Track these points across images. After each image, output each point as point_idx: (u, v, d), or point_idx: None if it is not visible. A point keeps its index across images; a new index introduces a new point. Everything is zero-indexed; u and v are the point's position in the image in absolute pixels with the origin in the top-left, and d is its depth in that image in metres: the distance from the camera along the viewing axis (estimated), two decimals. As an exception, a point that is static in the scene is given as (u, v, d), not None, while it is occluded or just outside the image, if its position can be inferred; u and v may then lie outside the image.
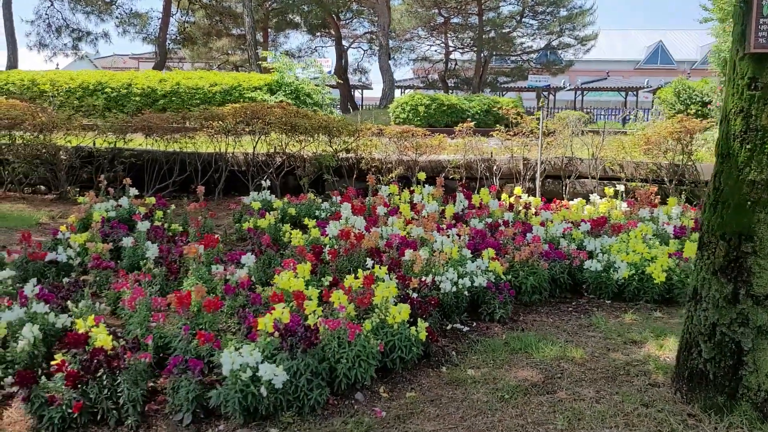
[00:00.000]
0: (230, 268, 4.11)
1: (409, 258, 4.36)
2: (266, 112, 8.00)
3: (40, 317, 3.41)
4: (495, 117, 19.04)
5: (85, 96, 15.43)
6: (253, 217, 6.09)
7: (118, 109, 12.09)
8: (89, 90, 15.69)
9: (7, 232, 5.99)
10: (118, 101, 14.97)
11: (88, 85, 15.75)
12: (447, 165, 8.34)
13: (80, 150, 8.06)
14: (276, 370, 2.77)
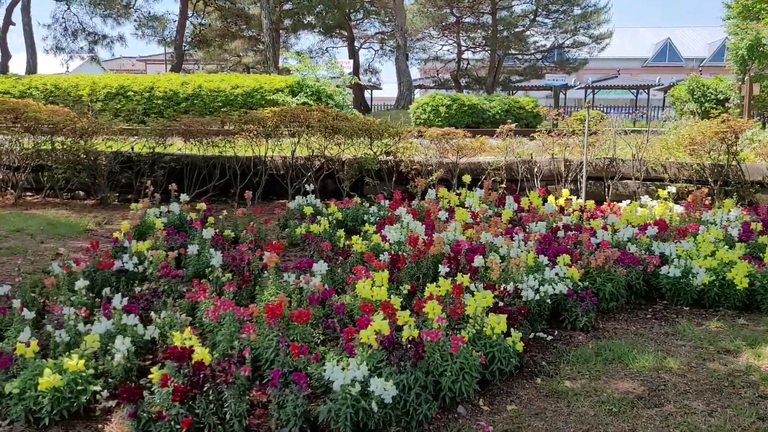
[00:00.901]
0: (306, 277, 4.05)
1: (478, 264, 4.31)
2: (306, 116, 7.95)
3: (130, 329, 3.37)
4: (515, 117, 18.97)
5: (108, 100, 15.47)
6: (305, 223, 6.04)
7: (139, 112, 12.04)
8: (112, 93, 15.73)
9: (60, 239, 5.97)
10: (140, 104, 14.98)
11: (110, 89, 15.79)
12: (487, 167, 8.26)
13: (119, 155, 8.04)
14: (386, 385, 2.71)
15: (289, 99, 15.56)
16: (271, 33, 20.49)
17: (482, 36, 33.39)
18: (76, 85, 15.77)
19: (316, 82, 16.37)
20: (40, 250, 5.49)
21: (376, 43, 36.95)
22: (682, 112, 21.44)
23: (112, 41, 23.54)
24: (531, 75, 32.55)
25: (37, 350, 2.99)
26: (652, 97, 37.54)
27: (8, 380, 2.96)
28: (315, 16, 24.94)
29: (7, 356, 3.02)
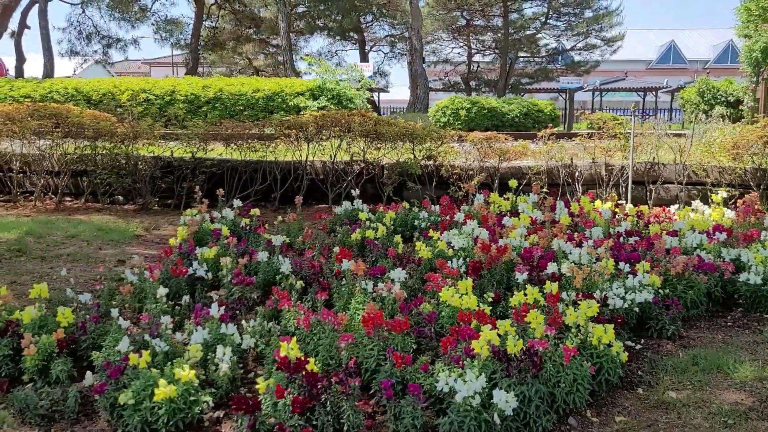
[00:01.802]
0: (387, 284, 4.03)
1: (552, 271, 4.29)
2: (348, 120, 7.93)
3: (229, 339, 3.35)
4: (534, 120, 18.95)
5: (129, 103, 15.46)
6: (359, 228, 6.01)
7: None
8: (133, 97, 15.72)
9: (115, 245, 5.95)
10: (162, 108, 14.97)
11: (132, 93, 15.79)
12: (527, 171, 8.23)
13: (160, 160, 8.02)
14: (508, 397, 2.69)
15: (310, 102, 15.55)
16: (288, 36, 20.48)
17: (492, 39, 33.41)
18: (96, 89, 15.79)
19: (336, 85, 16.36)
20: (101, 256, 5.47)
21: (385, 45, 37.04)
22: (692, 114, 21.45)
23: (126, 44, 23.58)
24: (541, 78, 32.55)
25: (149, 360, 2.97)
26: (657, 99, 37.51)
27: (118, 390, 2.94)
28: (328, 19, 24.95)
29: (116, 366, 3.00)
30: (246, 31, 29.32)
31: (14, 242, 5.58)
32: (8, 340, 3.36)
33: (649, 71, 52.12)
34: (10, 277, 4.72)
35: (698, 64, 54.47)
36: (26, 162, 8.11)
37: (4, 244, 5.47)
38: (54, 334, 3.35)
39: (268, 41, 32.73)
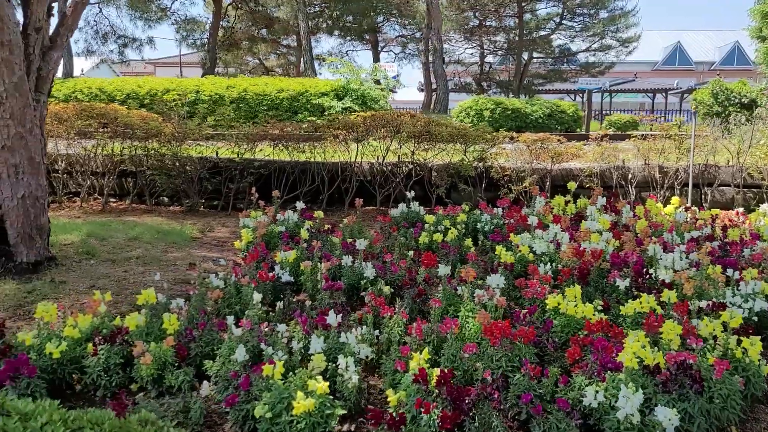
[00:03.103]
0: (489, 291, 3.90)
1: (661, 278, 4.16)
2: (398, 121, 7.81)
3: (348, 348, 3.21)
4: (557, 121, 18.84)
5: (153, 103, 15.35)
6: (426, 232, 5.88)
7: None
8: (157, 97, 15.62)
9: (179, 248, 5.82)
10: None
11: (155, 93, 15.69)
12: (579, 173, 8.11)
13: (207, 161, 7.89)
14: (671, 414, 2.55)
15: (334, 103, 15.46)
16: (308, 36, 20.35)
17: (505, 39, 33.30)
18: (120, 89, 15.69)
19: (360, 85, 16.25)
20: (170, 259, 5.35)
21: (396, 46, 36.92)
22: (706, 115, 21.32)
23: (141, 44, 23.44)
24: (554, 78, 32.42)
25: (283, 372, 2.84)
26: (663, 100, 37.35)
27: (249, 402, 2.81)
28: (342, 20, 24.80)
29: (245, 377, 2.87)
30: (259, 31, 29.24)
31: (79, 244, 5.46)
32: (119, 347, 3.22)
33: (655, 72, 52.02)
34: (88, 281, 4.59)
35: (704, 66, 54.41)
36: (70, 162, 7.98)
37: (70, 247, 5.34)
38: (164, 342, 3.22)
39: (279, 41, 32.64)
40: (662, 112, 38.54)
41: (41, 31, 4.68)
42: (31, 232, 4.67)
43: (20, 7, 4.76)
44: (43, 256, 4.81)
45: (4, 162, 4.50)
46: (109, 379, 3.16)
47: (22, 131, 4.52)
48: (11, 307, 4.10)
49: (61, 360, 3.14)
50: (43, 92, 4.80)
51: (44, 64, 4.78)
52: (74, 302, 4.23)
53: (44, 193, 4.79)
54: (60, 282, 4.53)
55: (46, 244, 4.84)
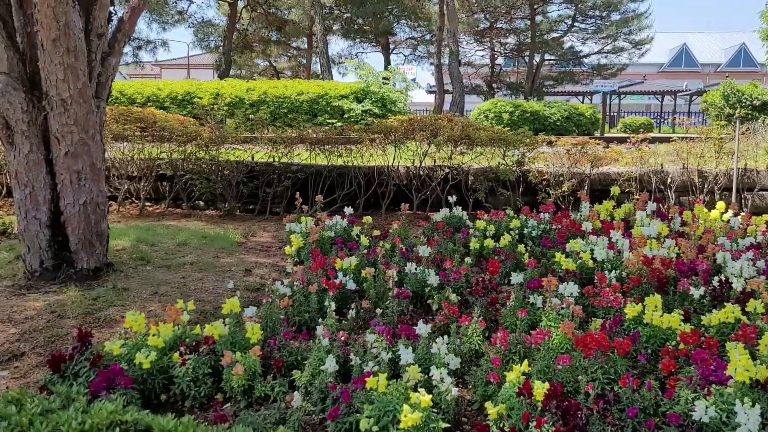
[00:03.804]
0: (566, 299, 3.86)
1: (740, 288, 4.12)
2: (436, 125, 7.78)
3: (437, 358, 3.18)
4: (576, 123, 18.79)
5: (174, 106, 15.37)
6: (477, 238, 5.85)
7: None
8: (178, 100, 15.64)
9: (229, 253, 5.80)
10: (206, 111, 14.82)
11: (176, 96, 15.70)
12: (617, 178, 8.07)
13: (244, 165, 7.87)
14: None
15: (354, 105, 15.45)
16: (325, 39, 20.35)
17: (516, 41, 33.27)
18: (140, 92, 15.69)
19: (380, 88, 16.24)
20: (223, 265, 5.32)
21: (406, 48, 36.89)
22: (718, 117, 21.29)
23: (155, 46, 23.47)
24: (566, 80, 32.37)
25: (386, 383, 2.81)
26: (668, 102, 37.21)
27: (350, 414, 2.78)
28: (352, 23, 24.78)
29: (343, 390, 2.84)
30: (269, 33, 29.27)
31: (131, 250, 5.44)
32: (206, 357, 3.20)
33: (661, 74, 51.98)
34: (149, 288, 4.57)
35: (710, 68, 54.33)
36: (107, 166, 7.95)
37: (124, 253, 5.32)
38: (251, 352, 3.19)
39: (289, 43, 32.67)
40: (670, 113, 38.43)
41: (102, 37, 4.67)
42: (91, 238, 4.66)
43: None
44: (103, 263, 4.79)
45: (67, 168, 4.48)
46: (198, 389, 3.13)
47: (85, 137, 4.51)
48: (80, 315, 4.08)
49: (151, 370, 3.11)
50: (102, 98, 4.79)
51: (103, 70, 4.76)
52: (141, 309, 4.21)
53: (104, 199, 4.77)
54: (122, 289, 4.50)
55: (105, 250, 4.82)
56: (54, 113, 4.38)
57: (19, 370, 3.53)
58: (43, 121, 4.45)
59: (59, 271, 4.59)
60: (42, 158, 4.46)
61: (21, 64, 4.40)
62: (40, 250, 4.55)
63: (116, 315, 4.11)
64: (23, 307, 4.17)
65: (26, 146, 4.40)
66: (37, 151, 4.44)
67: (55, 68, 4.27)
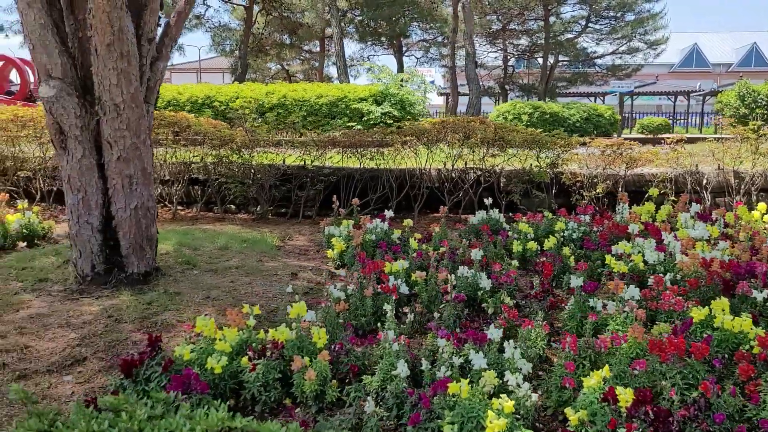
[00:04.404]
0: (630, 303, 3.81)
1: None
2: (468, 127, 7.75)
3: (509, 362, 3.14)
4: (595, 125, 18.71)
5: (194, 110, 15.41)
6: (519, 241, 5.80)
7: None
8: (198, 104, 15.69)
9: (272, 257, 5.79)
10: (226, 114, 14.87)
11: (196, 99, 15.76)
12: (652, 179, 8.00)
13: (277, 168, 7.87)
14: None
15: (373, 108, 15.44)
16: (341, 42, 20.39)
17: (529, 43, 33.19)
18: (160, 96, 15.72)
19: (398, 90, 16.21)
20: (269, 269, 5.31)
21: (417, 50, 36.88)
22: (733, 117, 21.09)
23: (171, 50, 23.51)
24: (580, 81, 32.26)
25: (469, 390, 2.77)
26: (680, 102, 36.94)
27: (431, 420, 2.75)
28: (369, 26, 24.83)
29: (420, 394, 2.81)
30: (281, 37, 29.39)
31: (175, 254, 5.44)
32: (275, 362, 3.18)
33: (672, 74, 51.68)
34: (201, 292, 4.57)
35: (721, 68, 53.98)
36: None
37: (169, 257, 5.32)
38: (320, 356, 3.17)
39: (302, 47, 32.78)
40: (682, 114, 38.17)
41: (152, 42, 4.68)
42: (142, 242, 4.66)
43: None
44: (152, 267, 4.79)
45: (119, 173, 4.49)
46: (268, 394, 3.11)
47: (137, 142, 4.51)
48: (137, 319, 4.08)
49: (222, 375, 3.10)
50: (150, 103, 4.79)
51: (152, 74, 4.77)
52: (196, 313, 4.19)
53: (154, 203, 4.78)
54: (175, 293, 4.50)
55: (154, 255, 4.83)
56: (107, 118, 4.39)
57: (83, 375, 3.53)
58: (95, 126, 4.45)
59: (110, 275, 4.60)
60: (94, 163, 4.47)
61: (74, 69, 4.41)
62: (92, 254, 4.55)
63: (172, 319, 4.10)
64: (79, 311, 4.18)
65: (79, 151, 4.41)
66: (89, 155, 4.45)
67: (109, 73, 4.28)
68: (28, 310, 4.22)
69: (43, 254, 5.36)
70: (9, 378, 3.45)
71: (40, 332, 3.90)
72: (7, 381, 3.43)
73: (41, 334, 3.89)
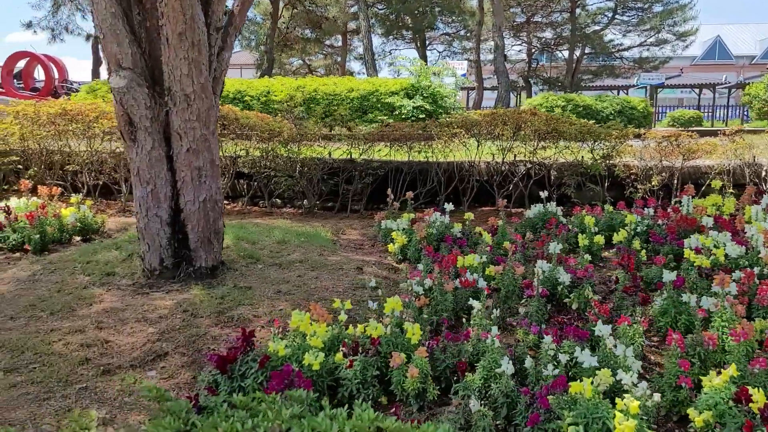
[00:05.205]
0: (729, 298, 3.63)
1: None
2: (519, 119, 7.57)
3: (621, 360, 2.99)
4: (628, 117, 18.35)
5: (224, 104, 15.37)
6: (585, 235, 5.62)
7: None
8: (229, 99, 15.65)
9: (332, 251, 5.69)
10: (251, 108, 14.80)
11: (227, 94, 15.70)
12: (708, 171, 7.75)
13: (324, 162, 7.76)
14: None
15: (405, 102, 15.27)
16: (369, 36, 20.23)
17: (553, 35, 32.72)
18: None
19: (430, 84, 16.04)
20: (332, 263, 5.21)
21: (439, 44, 36.55)
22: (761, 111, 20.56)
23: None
24: (606, 74, 31.74)
25: (592, 389, 2.63)
26: (703, 96, 36.14)
27: (550, 421, 2.62)
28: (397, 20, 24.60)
29: (539, 395, 2.67)
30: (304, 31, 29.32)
31: (235, 248, 5.36)
32: (373, 359, 3.07)
33: (694, 67, 50.70)
34: (271, 287, 4.48)
35: (744, 60, 52.86)
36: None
37: (230, 251, 5.24)
38: (417, 353, 3.05)
39: (323, 41, 32.67)
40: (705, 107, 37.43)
41: (220, 31, 4.58)
42: (209, 236, 4.58)
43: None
44: (218, 261, 4.72)
45: (188, 165, 4.40)
46: (367, 391, 3.00)
47: (206, 133, 4.43)
48: (212, 314, 4.00)
49: (320, 371, 2.99)
50: (217, 94, 4.70)
51: (218, 64, 4.68)
52: (271, 308, 4.11)
53: (221, 196, 4.69)
54: (245, 288, 4.42)
55: (220, 248, 4.75)
56: (177, 109, 4.31)
57: (166, 370, 3.46)
58: (164, 117, 4.37)
59: (178, 269, 4.53)
60: (163, 155, 4.40)
61: (143, 60, 4.33)
62: (161, 248, 4.48)
63: (248, 314, 4.02)
64: (153, 306, 4.11)
65: (149, 143, 4.34)
66: (158, 147, 4.37)
67: (180, 63, 4.20)
68: (101, 304, 4.17)
69: (104, 248, 5.31)
70: (94, 374, 3.39)
71: (117, 327, 3.84)
72: (93, 376, 3.37)
73: (119, 328, 3.82)
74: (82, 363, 3.45)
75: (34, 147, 7.76)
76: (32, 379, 3.30)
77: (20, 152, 7.84)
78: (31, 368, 3.42)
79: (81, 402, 3.14)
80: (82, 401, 3.14)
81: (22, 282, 4.64)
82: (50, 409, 3.06)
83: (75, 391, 3.20)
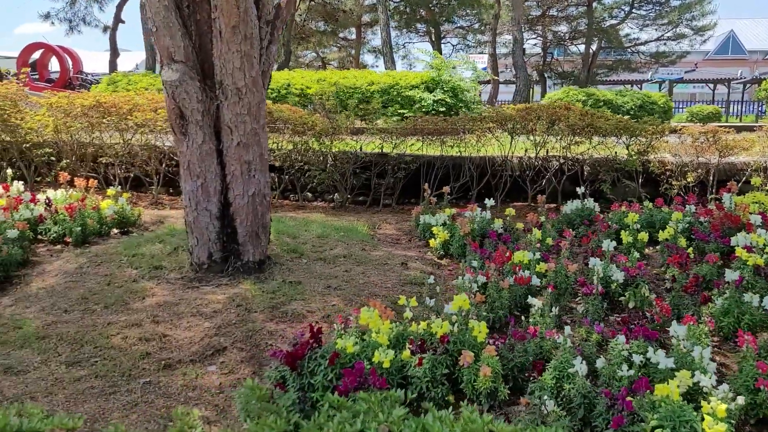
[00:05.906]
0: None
1: None
2: (554, 114, 7.49)
3: (698, 364, 2.95)
4: (649, 112, 18.19)
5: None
6: (628, 231, 5.55)
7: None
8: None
9: (373, 246, 5.65)
10: (276, 101, 14.76)
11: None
12: (744, 168, 7.65)
13: (355, 156, 7.72)
14: None
15: (425, 95, 15.19)
16: (388, 29, 20.11)
17: (568, 29, 32.43)
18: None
19: (451, 78, 15.93)
20: (376, 258, 5.17)
21: (454, 37, 36.31)
22: None
23: (213, 39, 23.52)
24: (622, 68, 31.44)
25: (679, 392, 2.59)
26: (717, 91, 35.70)
27: (633, 423, 2.58)
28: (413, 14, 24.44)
29: (619, 396, 2.63)
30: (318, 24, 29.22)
31: (277, 243, 5.33)
32: (443, 357, 3.04)
33: (707, 62, 50.13)
34: (319, 282, 4.46)
35: (758, 55, 52.22)
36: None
37: (273, 246, 5.22)
38: (486, 351, 3.02)
39: (337, 34, 32.56)
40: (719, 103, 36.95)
41: (269, 25, 4.54)
42: (257, 230, 4.56)
43: None
44: (265, 255, 4.70)
45: (238, 159, 4.38)
46: (437, 390, 2.98)
47: (256, 127, 4.40)
48: (266, 309, 3.98)
49: (390, 369, 2.97)
50: (265, 87, 4.66)
51: (266, 58, 4.64)
52: (323, 304, 4.09)
53: (269, 190, 4.67)
54: (295, 282, 4.40)
55: (267, 243, 4.73)
56: (228, 102, 4.28)
57: (226, 365, 3.45)
58: (215, 111, 4.35)
59: (227, 263, 4.52)
60: (213, 149, 4.38)
61: (195, 53, 4.30)
62: (209, 242, 4.47)
63: (302, 309, 4.00)
64: (206, 300, 4.10)
65: (200, 136, 4.31)
66: (209, 141, 4.35)
67: (232, 56, 4.16)
68: (153, 298, 4.16)
69: (147, 241, 5.31)
70: (155, 368, 3.38)
71: (174, 321, 3.83)
72: (154, 371, 3.37)
73: (175, 322, 3.82)
74: (143, 357, 3.45)
75: (67, 139, 7.76)
76: (96, 373, 3.30)
77: (52, 144, 7.85)
78: (93, 362, 3.43)
79: (146, 397, 3.14)
80: (147, 396, 3.14)
81: (70, 275, 4.64)
82: (117, 404, 3.06)
83: (139, 386, 3.20)
